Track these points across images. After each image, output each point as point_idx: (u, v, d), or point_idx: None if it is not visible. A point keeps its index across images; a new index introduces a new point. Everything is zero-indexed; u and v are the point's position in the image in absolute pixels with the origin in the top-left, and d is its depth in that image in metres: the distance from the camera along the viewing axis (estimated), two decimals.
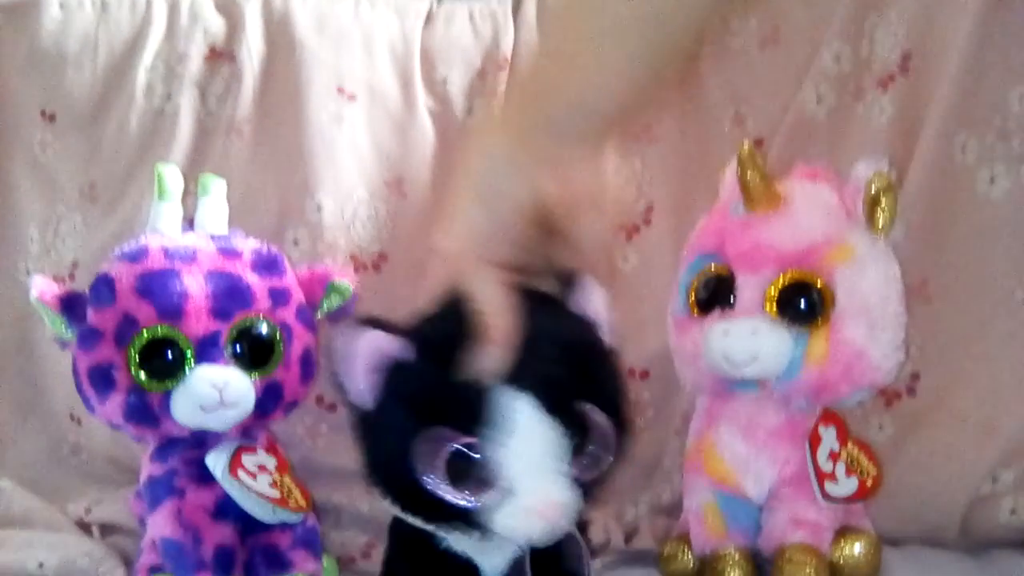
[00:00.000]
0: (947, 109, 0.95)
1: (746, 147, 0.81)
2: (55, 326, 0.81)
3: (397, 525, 0.73)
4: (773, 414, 0.84)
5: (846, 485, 0.82)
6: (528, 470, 0.62)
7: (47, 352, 1.08)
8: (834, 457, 0.83)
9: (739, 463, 0.84)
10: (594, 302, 0.66)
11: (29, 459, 1.09)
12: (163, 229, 0.84)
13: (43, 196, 1.12)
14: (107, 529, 0.97)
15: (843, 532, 0.83)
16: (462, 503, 0.62)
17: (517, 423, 0.61)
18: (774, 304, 0.80)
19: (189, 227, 0.87)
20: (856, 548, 0.82)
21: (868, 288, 0.80)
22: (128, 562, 0.89)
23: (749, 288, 0.81)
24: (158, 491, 0.82)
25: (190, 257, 0.80)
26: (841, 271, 0.80)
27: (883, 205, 0.82)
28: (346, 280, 0.88)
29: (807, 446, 0.82)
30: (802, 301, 0.80)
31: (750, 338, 0.79)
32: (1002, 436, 0.92)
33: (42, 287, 0.80)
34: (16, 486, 1.02)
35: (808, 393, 0.82)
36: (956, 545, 0.91)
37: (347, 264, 1.02)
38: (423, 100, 1.09)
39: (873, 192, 0.81)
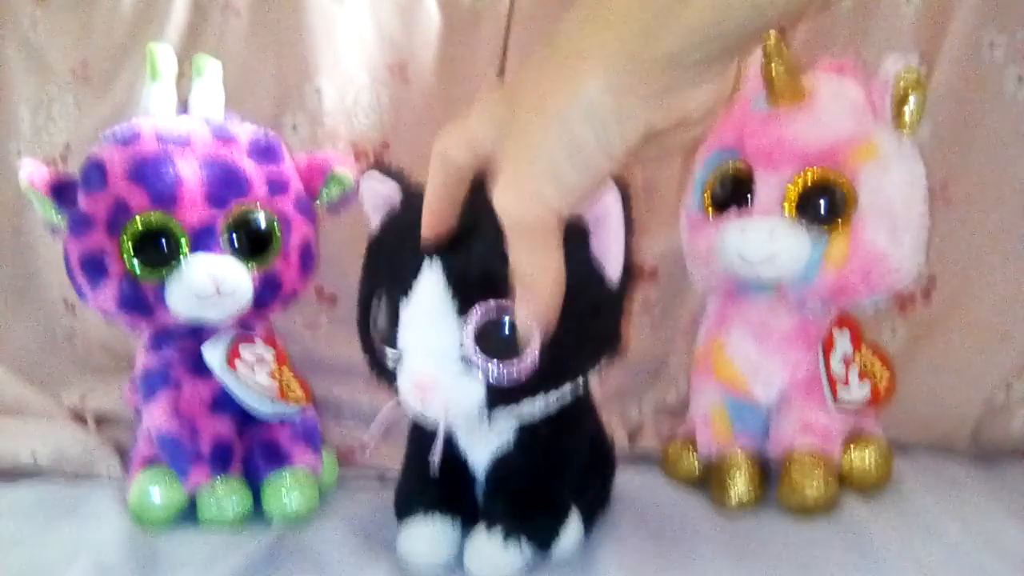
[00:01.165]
0: (976, 2, 0.92)
1: (772, 38, 0.77)
2: (45, 212, 0.78)
3: (413, 428, 0.74)
4: (786, 317, 0.82)
5: (859, 391, 0.81)
6: (415, 341, 0.61)
7: (40, 237, 1.06)
8: (847, 362, 0.81)
9: (749, 366, 0.83)
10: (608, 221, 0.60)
11: (22, 347, 1.07)
12: (155, 111, 0.80)
13: (34, 76, 1.08)
14: (102, 419, 0.96)
15: (853, 438, 0.82)
16: (379, 355, 0.64)
17: (420, 291, 0.60)
18: (793, 204, 0.77)
19: (184, 110, 0.83)
20: (866, 455, 0.81)
21: (892, 189, 0.77)
22: (123, 453, 0.88)
23: (768, 186, 0.78)
24: (153, 383, 0.80)
25: (184, 142, 0.77)
26: (865, 171, 0.77)
27: (911, 103, 0.78)
28: (347, 169, 0.84)
29: (820, 350, 0.81)
30: (823, 202, 0.77)
31: (767, 238, 0.77)
32: (1018, 344, 0.91)
33: (31, 171, 0.77)
34: (9, 374, 1.01)
35: (824, 296, 0.80)
36: (967, 454, 0.90)
37: (348, 152, 0.99)
38: None
39: (901, 88, 0.77)
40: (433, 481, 0.70)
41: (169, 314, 0.77)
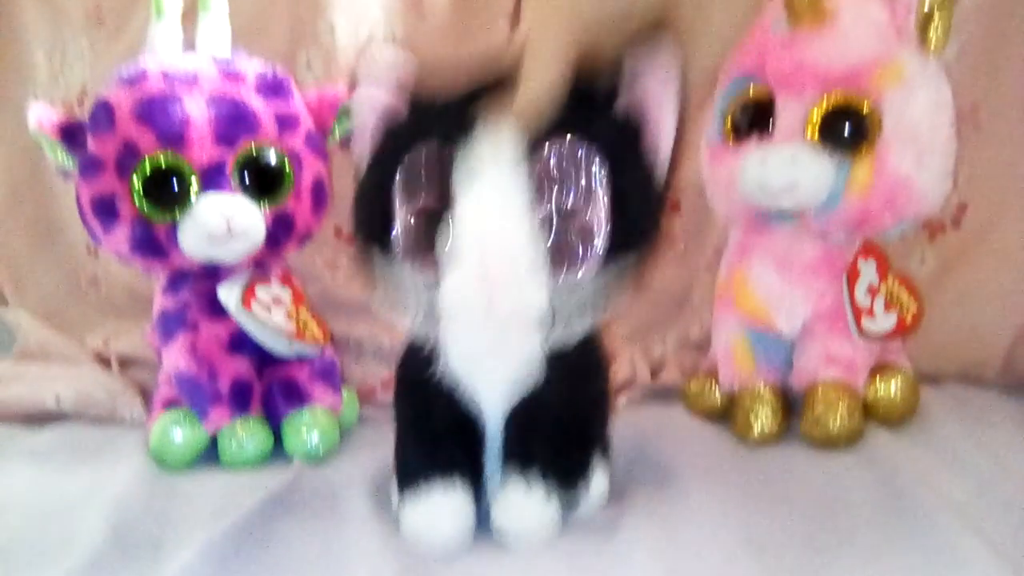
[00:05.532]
0: None
1: None
2: (55, 155, 0.77)
3: (402, 382, 0.69)
4: (810, 247, 0.80)
5: (884, 321, 0.79)
6: (482, 220, 0.57)
7: (62, 183, 1.05)
8: (873, 292, 0.79)
9: (772, 298, 0.81)
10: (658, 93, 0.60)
11: (46, 292, 1.08)
12: (161, 50, 0.79)
13: (49, 20, 1.08)
14: (125, 362, 0.96)
15: (879, 369, 0.81)
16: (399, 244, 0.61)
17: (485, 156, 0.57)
18: (816, 129, 0.75)
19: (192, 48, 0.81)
20: (892, 386, 0.80)
21: (918, 113, 0.75)
22: (147, 395, 0.88)
23: (790, 111, 0.75)
24: (171, 325, 0.80)
25: (190, 80, 0.76)
26: (890, 94, 0.74)
27: (936, 23, 0.75)
28: None
29: (844, 281, 0.79)
30: (846, 126, 0.75)
31: (789, 166, 0.75)
32: None
33: (40, 114, 0.77)
34: (33, 319, 1.02)
35: (848, 225, 0.78)
36: (996, 384, 0.89)
37: None
38: None
39: (927, 9, 0.75)
40: (438, 441, 0.65)
41: (183, 255, 0.76)
